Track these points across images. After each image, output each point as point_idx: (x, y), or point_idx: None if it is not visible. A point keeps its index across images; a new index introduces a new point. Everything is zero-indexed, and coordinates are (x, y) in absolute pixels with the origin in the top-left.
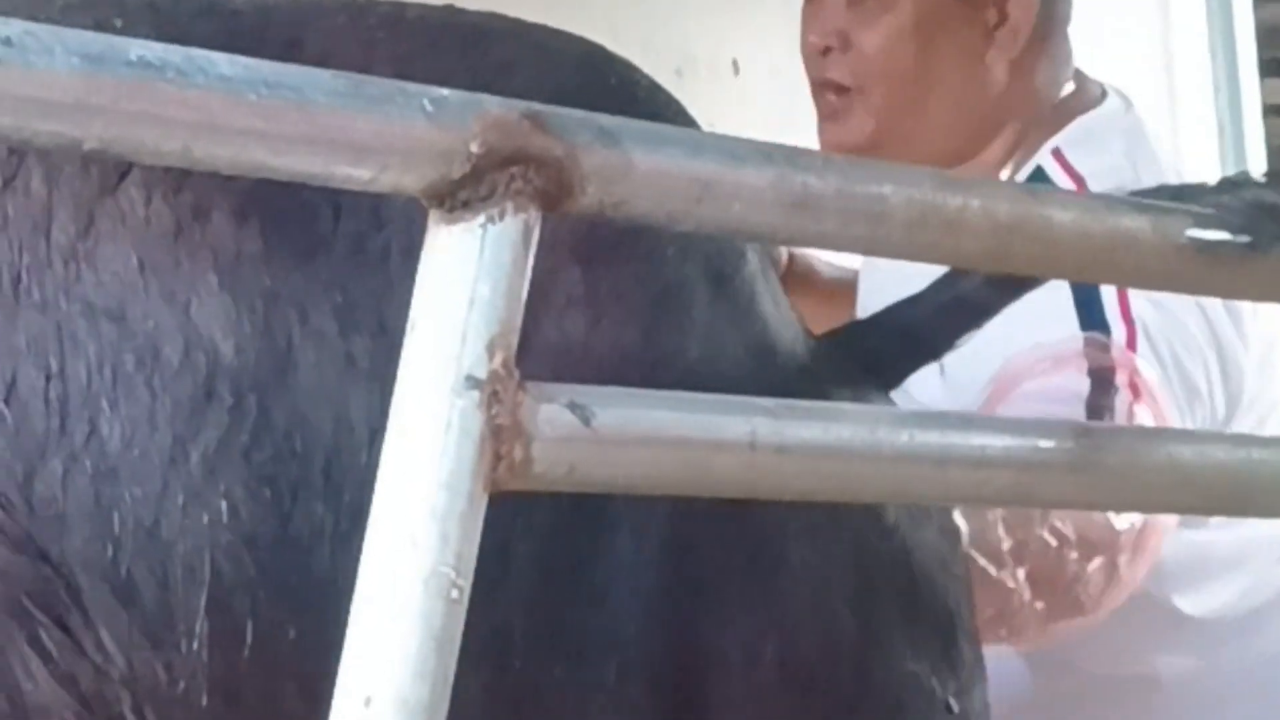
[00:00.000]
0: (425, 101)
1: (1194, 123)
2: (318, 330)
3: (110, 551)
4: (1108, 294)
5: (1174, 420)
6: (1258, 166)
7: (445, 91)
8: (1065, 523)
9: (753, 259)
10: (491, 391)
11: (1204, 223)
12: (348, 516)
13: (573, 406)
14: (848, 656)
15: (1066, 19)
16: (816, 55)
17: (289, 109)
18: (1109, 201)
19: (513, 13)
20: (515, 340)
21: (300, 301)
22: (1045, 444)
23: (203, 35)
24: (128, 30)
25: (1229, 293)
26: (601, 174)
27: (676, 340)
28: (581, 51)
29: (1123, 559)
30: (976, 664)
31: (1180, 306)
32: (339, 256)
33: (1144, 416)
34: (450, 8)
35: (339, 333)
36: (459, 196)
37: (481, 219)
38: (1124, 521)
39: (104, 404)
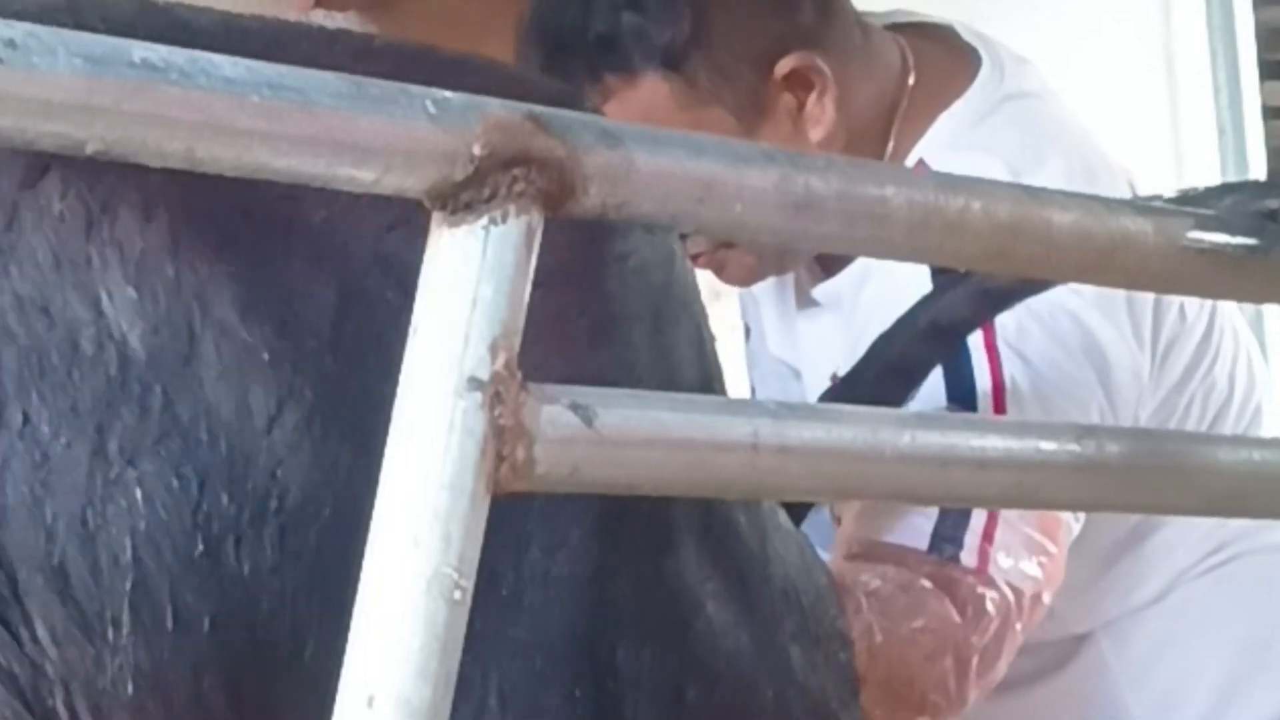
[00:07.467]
0: (428, 103)
1: (1194, 125)
2: (219, 320)
3: (43, 541)
4: (978, 359)
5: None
6: (1258, 169)
7: (448, 93)
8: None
9: (688, 325)
10: (494, 392)
11: (1206, 225)
12: (252, 503)
13: (575, 407)
14: None
15: (849, 33)
16: None
17: (292, 110)
18: (1110, 203)
19: None
20: (518, 342)
21: (202, 292)
22: (1047, 445)
23: None
24: None
25: (1231, 295)
26: (604, 175)
27: (609, 375)
28: (556, 90)
29: (974, 660)
30: None
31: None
32: (245, 252)
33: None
34: (424, 44)
35: (240, 322)
36: (461, 198)
37: (484, 220)
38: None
39: (34, 394)
